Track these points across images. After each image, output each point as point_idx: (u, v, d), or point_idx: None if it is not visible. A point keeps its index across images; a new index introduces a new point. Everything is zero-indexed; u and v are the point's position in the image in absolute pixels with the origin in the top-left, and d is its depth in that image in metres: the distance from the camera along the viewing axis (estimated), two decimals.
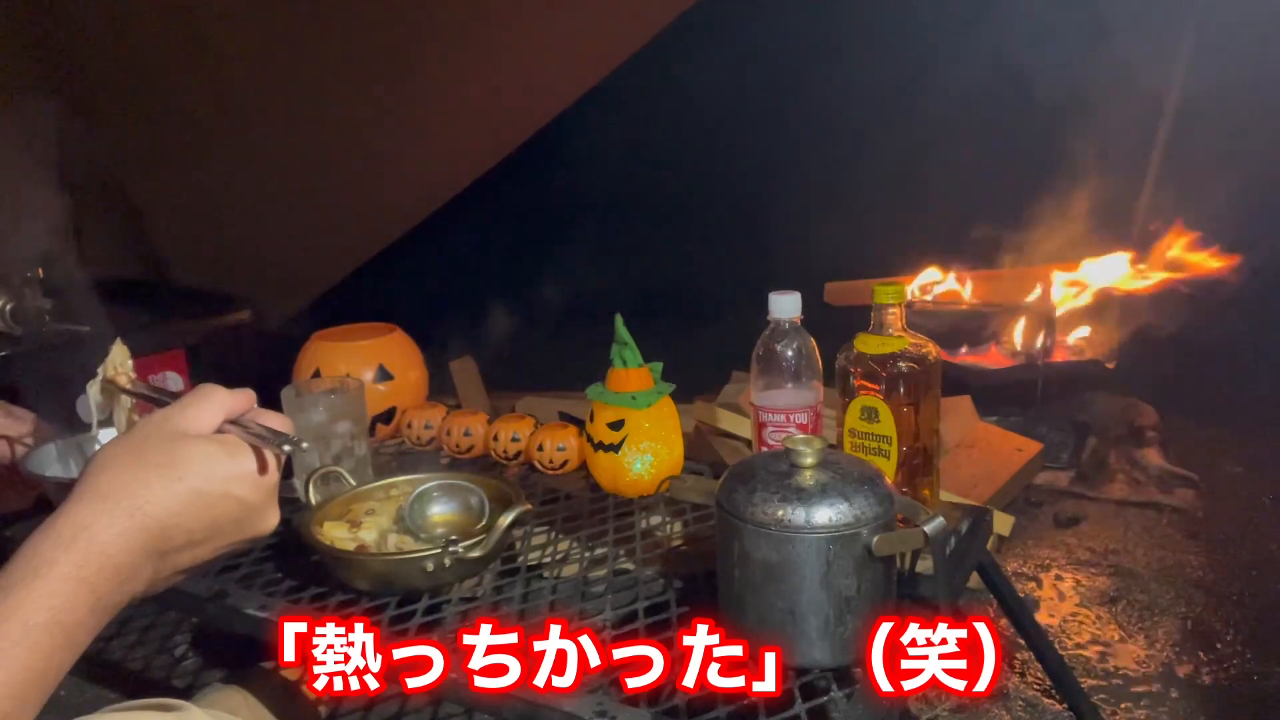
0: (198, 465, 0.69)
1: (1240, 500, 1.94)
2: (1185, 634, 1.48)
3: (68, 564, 0.62)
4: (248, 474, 0.71)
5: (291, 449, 0.73)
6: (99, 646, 1.54)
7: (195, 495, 0.68)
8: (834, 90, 3.08)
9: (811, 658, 0.84)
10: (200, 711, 0.84)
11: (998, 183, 2.81)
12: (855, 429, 1.10)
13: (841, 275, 2.75)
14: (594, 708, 0.80)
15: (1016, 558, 1.74)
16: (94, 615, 0.64)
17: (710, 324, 3.02)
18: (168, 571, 0.69)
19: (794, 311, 1.15)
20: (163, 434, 0.70)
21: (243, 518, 0.72)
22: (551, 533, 1.20)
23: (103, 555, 0.64)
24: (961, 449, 1.95)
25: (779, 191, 3.36)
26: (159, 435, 0.70)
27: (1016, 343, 2.48)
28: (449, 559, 0.99)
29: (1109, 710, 1.30)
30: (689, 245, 3.46)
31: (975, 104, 2.91)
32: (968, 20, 2.92)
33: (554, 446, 1.36)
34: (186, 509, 0.68)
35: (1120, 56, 2.77)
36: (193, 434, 0.71)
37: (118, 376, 0.90)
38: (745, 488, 0.84)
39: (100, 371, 0.90)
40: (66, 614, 0.61)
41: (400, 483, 1.20)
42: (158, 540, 0.67)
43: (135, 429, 0.72)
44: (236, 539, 0.73)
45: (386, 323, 1.59)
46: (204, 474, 0.69)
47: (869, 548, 0.81)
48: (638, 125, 3.25)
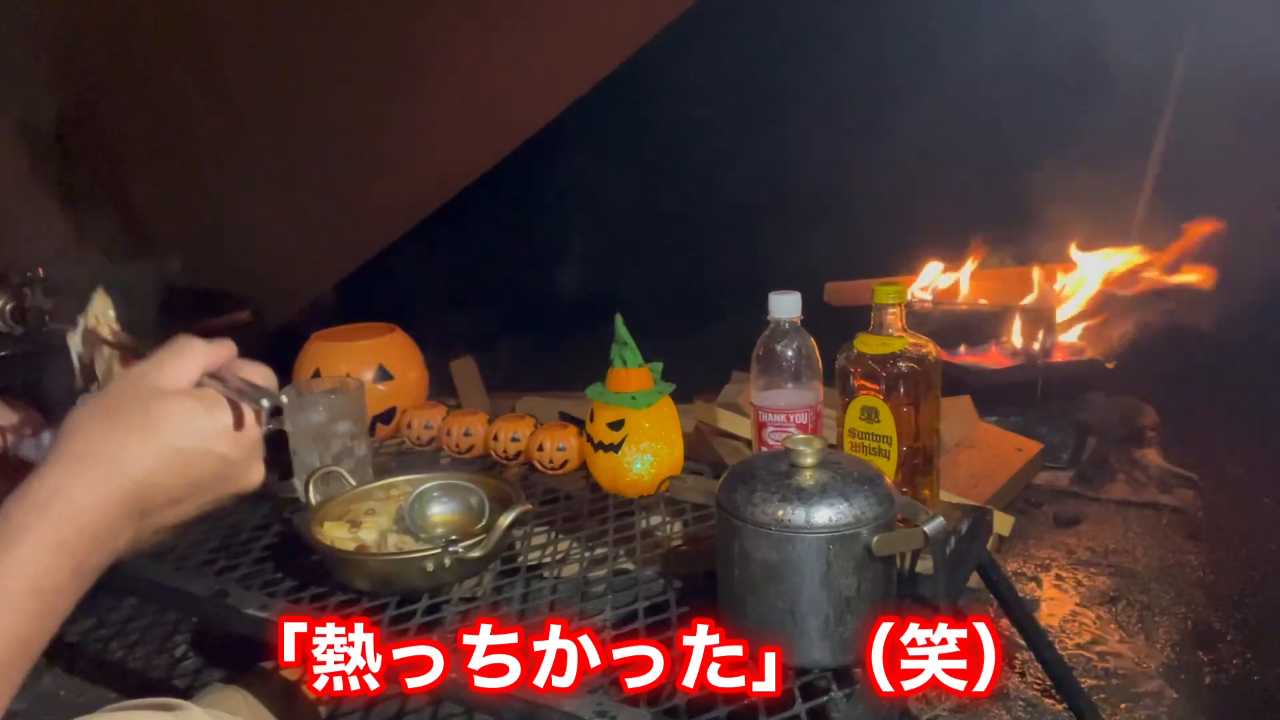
0: (175, 423, 0.67)
1: (1240, 500, 1.94)
2: (1185, 634, 1.48)
3: (44, 530, 0.61)
4: (227, 430, 0.69)
5: (271, 404, 0.71)
6: (99, 646, 1.55)
7: (174, 454, 0.66)
8: (834, 90, 3.09)
9: (811, 658, 0.84)
10: (201, 711, 0.84)
11: (998, 182, 2.81)
12: (855, 429, 1.10)
13: (841, 275, 2.75)
14: (594, 708, 0.80)
15: (1016, 558, 1.73)
16: (75, 579, 0.62)
17: (710, 324, 3.02)
18: (149, 530, 0.68)
19: (794, 311, 1.15)
20: (138, 391, 0.68)
21: (225, 474, 0.70)
22: (551, 533, 1.20)
23: (80, 519, 0.62)
24: (961, 449, 1.95)
25: (779, 192, 3.36)
26: (134, 393, 0.68)
27: (1016, 343, 2.48)
28: (449, 559, 0.99)
29: (1109, 710, 1.30)
30: (689, 245, 3.46)
31: (975, 104, 2.91)
32: (968, 20, 2.92)
33: (554, 446, 1.36)
34: (165, 468, 0.66)
35: (1120, 56, 2.77)
36: (170, 390, 0.68)
37: (99, 327, 0.85)
38: (745, 488, 0.84)
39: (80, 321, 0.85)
40: (46, 580, 0.60)
41: (400, 483, 1.20)
42: (137, 501, 0.65)
43: (110, 387, 0.70)
44: (219, 495, 0.72)
45: (386, 323, 1.60)
46: (182, 432, 0.67)
47: (869, 548, 0.81)
48: (638, 125, 3.25)
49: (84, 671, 1.48)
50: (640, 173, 3.40)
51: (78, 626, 1.60)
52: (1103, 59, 2.77)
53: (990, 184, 2.82)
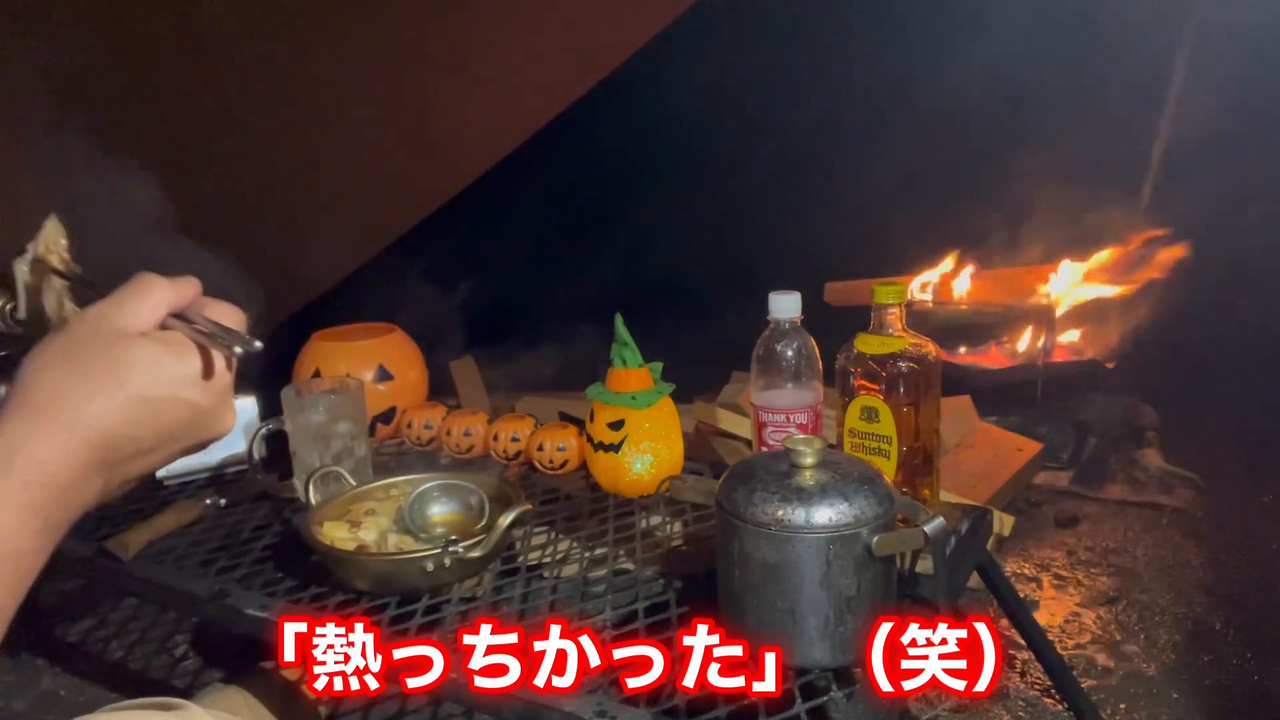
0: (141, 370, 0.62)
1: (1240, 500, 1.94)
2: (1185, 634, 1.47)
3: (8, 491, 0.57)
4: (196, 376, 0.65)
5: (245, 350, 0.66)
6: (99, 646, 1.55)
7: (141, 402, 0.62)
8: (835, 89, 3.08)
9: (811, 658, 0.84)
10: (201, 711, 0.84)
11: (998, 182, 2.81)
12: (855, 429, 1.10)
13: (841, 275, 2.75)
14: (594, 708, 0.80)
15: (1016, 558, 1.73)
16: (43, 537, 0.59)
17: (710, 324, 3.01)
18: (118, 482, 0.64)
19: (794, 311, 1.15)
20: (100, 335, 0.63)
21: (195, 422, 0.66)
22: (551, 533, 1.20)
23: (44, 475, 0.58)
24: (961, 449, 1.95)
25: (779, 191, 3.36)
26: (95, 337, 0.63)
27: (1016, 343, 2.48)
28: (449, 559, 0.99)
29: (1109, 710, 1.30)
30: (689, 245, 3.46)
31: (976, 104, 2.91)
32: (968, 20, 2.92)
33: (554, 446, 1.36)
34: (133, 418, 0.62)
35: (1120, 55, 2.77)
36: (133, 334, 0.64)
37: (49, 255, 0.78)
38: (745, 488, 0.84)
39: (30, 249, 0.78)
40: (14, 544, 0.57)
41: (400, 483, 1.20)
42: (103, 453, 0.61)
43: (68, 329, 0.65)
44: (189, 444, 0.68)
45: (386, 323, 1.60)
46: (149, 379, 0.62)
47: (869, 548, 0.81)
48: (637, 125, 3.24)
49: (84, 671, 1.48)
50: (640, 172, 3.41)
51: (78, 626, 1.60)
52: (1104, 58, 2.77)
53: (991, 183, 2.82)
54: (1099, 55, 2.79)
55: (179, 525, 1.23)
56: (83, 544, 1.20)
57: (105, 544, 1.15)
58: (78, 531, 1.24)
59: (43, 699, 1.43)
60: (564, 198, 3.36)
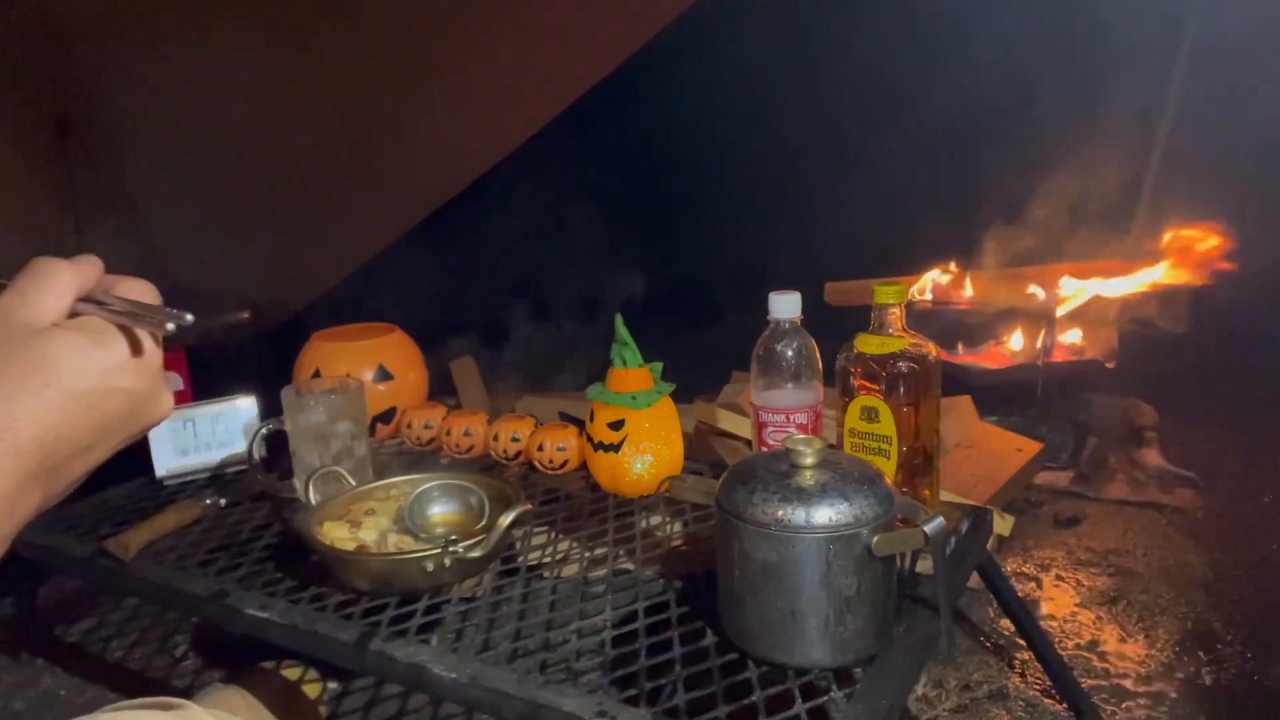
0: (65, 364, 0.57)
1: (1240, 500, 1.94)
2: (1185, 634, 1.47)
3: None
4: (125, 362, 0.60)
5: (176, 324, 0.60)
6: (99, 646, 1.54)
7: (71, 400, 0.57)
8: (835, 90, 3.08)
9: (811, 658, 0.84)
10: (201, 711, 0.84)
11: (998, 182, 2.81)
12: (855, 429, 1.10)
13: (841, 275, 2.75)
14: (594, 708, 0.80)
15: (1016, 558, 1.73)
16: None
17: (710, 324, 3.02)
18: (61, 486, 0.60)
19: (794, 311, 1.15)
20: (10, 331, 0.57)
21: (132, 410, 0.61)
22: (551, 533, 1.20)
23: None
24: (961, 449, 1.95)
25: (779, 191, 3.36)
26: (7, 334, 0.57)
27: (1016, 343, 2.48)
28: (449, 559, 0.99)
29: (1109, 710, 1.30)
30: (689, 245, 3.46)
31: (976, 104, 2.91)
32: (969, 20, 2.92)
33: (554, 446, 1.36)
34: (65, 418, 0.57)
35: (1121, 56, 2.77)
36: (44, 325, 0.58)
37: None
38: (745, 488, 0.84)
39: None
40: None
41: (400, 483, 1.20)
42: (40, 460, 0.56)
43: None
44: (132, 432, 0.63)
45: (386, 323, 1.60)
46: (75, 372, 0.57)
47: (869, 548, 0.81)
48: (637, 125, 3.25)
49: (84, 671, 1.48)
50: (640, 173, 3.41)
51: (78, 626, 1.60)
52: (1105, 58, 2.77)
53: (991, 184, 2.82)
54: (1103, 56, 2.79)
55: (179, 525, 1.23)
56: (83, 544, 1.20)
57: (105, 544, 1.15)
58: (78, 532, 1.25)
59: (43, 699, 1.43)
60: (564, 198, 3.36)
